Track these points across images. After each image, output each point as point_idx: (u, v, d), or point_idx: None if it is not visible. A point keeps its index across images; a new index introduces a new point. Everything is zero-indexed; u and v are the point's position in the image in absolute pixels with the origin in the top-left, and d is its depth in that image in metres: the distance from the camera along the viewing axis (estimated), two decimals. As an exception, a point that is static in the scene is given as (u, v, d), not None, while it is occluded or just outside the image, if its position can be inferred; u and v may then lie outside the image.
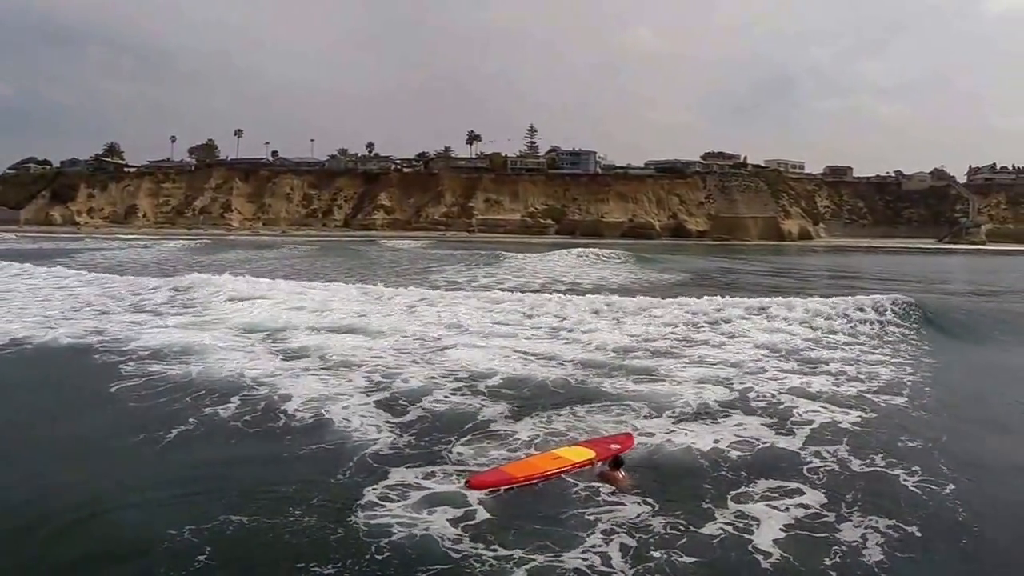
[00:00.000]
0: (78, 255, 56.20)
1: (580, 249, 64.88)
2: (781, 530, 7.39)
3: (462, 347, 16.47)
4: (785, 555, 6.90)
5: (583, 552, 6.85)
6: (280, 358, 15.16)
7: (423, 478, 8.48)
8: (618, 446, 9.59)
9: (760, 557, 6.88)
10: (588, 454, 9.16)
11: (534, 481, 8.53)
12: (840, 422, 11.05)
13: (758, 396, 12.60)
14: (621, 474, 8.65)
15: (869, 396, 12.67)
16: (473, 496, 7.97)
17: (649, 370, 14.51)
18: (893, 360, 15.83)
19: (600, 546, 6.99)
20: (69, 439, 10.22)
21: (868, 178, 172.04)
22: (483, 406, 11.74)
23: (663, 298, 23.87)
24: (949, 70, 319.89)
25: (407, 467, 8.82)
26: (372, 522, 7.32)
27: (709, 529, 7.36)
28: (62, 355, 15.75)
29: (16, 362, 15.06)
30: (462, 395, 12.45)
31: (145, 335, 17.07)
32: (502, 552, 6.79)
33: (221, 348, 15.86)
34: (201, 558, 6.60)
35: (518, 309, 22.64)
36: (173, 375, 13.40)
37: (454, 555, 6.75)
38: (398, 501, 7.81)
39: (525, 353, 16.01)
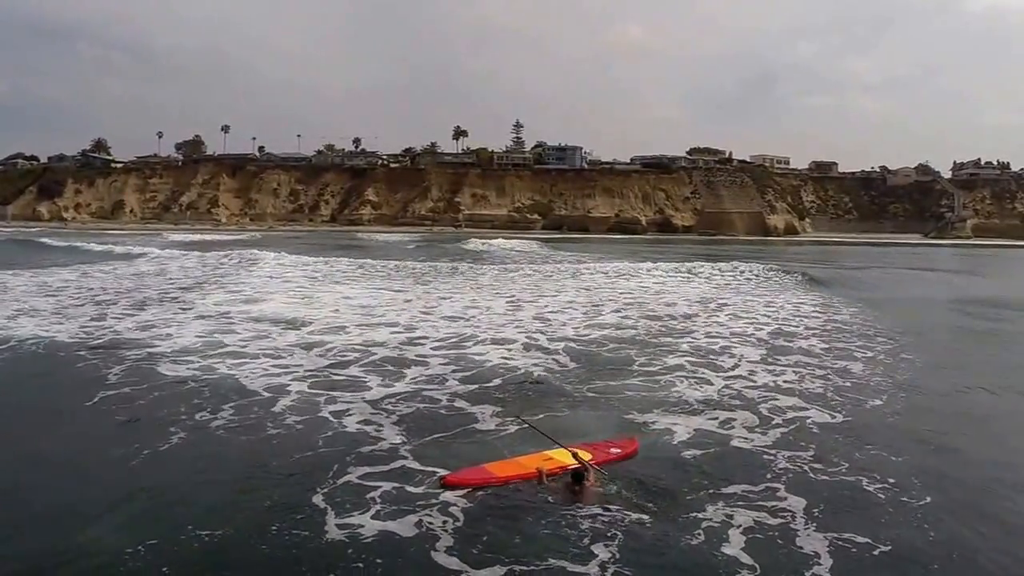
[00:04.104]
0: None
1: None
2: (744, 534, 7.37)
3: (462, 339, 17.40)
4: (756, 562, 6.78)
5: (552, 559, 6.68)
6: (284, 353, 15.47)
7: (400, 478, 8.44)
8: (619, 451, 9.26)
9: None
10: (582, 456, 8.70)
11: (512, 482, 8.28)
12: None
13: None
14: (579, 486, 8.24)
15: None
16: (447, 496, 7.88)
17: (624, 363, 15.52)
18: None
19: (571, 553, 6.81)
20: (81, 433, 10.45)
21: (853, 173, 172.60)
22: (471, 405, 11.77)
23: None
24: (935, 66, 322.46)
25: (388, 467, 8.77)
26: (347, 526, 7.25)
27: (684, 536, 7.21)
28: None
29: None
30: (459, 392, 12.55)
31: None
32: (470, 557, 6.69)
33: (231, 344, 16.39)
34: (167, 569, 6.40)
35: (512, 303, 25.10)
36: (176, 375, 13.48)
37: (424, 559, 6.67)
38: (373, 503, 7.72)
39: (527, 348, 16.74)
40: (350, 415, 11.02)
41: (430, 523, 7.35)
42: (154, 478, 8.47)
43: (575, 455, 8.76)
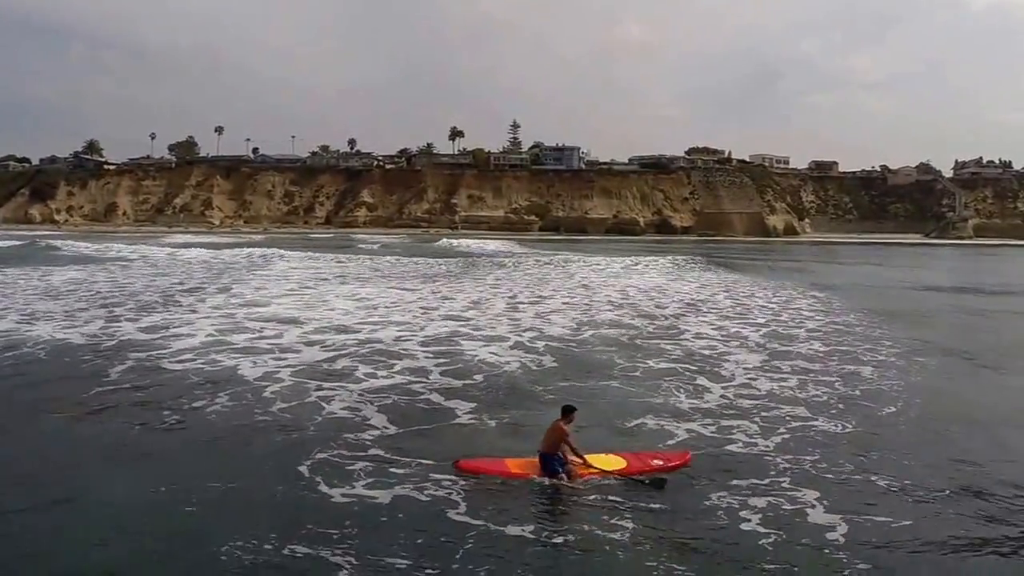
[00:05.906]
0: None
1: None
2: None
3: (463, 336, 18.19)
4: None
5: (567, 535, 7.09)
6: (291, 349, 16.22)
7: (412, 458, 8.99)
8: (660, 462, 8.85)
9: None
10: (617, 464, 8.63)
11: (522, 478, 8.42)
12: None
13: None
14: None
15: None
16: (456, 478, 8.36)
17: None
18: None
19: (557, 546, 7.03)
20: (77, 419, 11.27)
21: (854, 173, 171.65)
22: (460, 405, 12.08)
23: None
24: (938, 63, 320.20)
25: (399, 447, 9.44)
26: (328, 491, 7.95)
27: (700, 519, 7.53)
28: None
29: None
30: (455, 388, 13.07)
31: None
32: (474, 536, 6.97)
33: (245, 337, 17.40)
34: (176, 520, 7.33)
35: (512, 303, 25.73)
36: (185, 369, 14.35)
37: (428, 531, 7.04)
38: (385, 477, 8.37)
39: (526, 348, 17.11)
40: (336, 402, 11.84)
41: (433, 496, 7.91)
42: (158, 446, 9.71)
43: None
